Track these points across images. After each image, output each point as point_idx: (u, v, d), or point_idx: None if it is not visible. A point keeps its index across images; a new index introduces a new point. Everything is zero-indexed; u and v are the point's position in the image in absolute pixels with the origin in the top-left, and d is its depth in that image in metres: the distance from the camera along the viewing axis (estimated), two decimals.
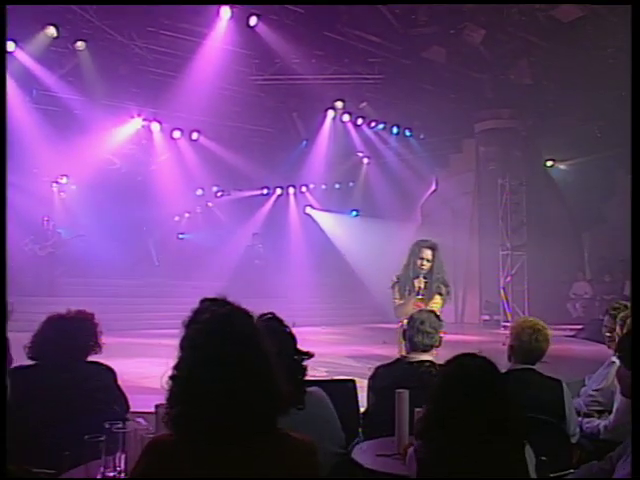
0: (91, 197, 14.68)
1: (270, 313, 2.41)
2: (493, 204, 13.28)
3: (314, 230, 16.84)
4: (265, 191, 17.04)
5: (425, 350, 3.37)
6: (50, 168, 13.80)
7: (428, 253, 5.61)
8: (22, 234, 12.69)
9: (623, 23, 10.95)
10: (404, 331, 3.51)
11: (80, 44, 10.30)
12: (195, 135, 14.02)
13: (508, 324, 12.39)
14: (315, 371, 7.13)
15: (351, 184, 16.99)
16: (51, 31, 9.74)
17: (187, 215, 16.87)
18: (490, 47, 12.87)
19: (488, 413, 1.82)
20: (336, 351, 9.07)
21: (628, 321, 3.52)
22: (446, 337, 8.78)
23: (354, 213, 17.68)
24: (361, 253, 15.62)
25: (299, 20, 11.61)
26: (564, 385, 3.19)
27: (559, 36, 12.40)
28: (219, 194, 16.68)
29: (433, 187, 15.29)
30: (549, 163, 15.89)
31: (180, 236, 16.87)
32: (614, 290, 12.95)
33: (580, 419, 3.49)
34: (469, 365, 1.96)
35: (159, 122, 13.46)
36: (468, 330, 13.06)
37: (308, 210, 17.96)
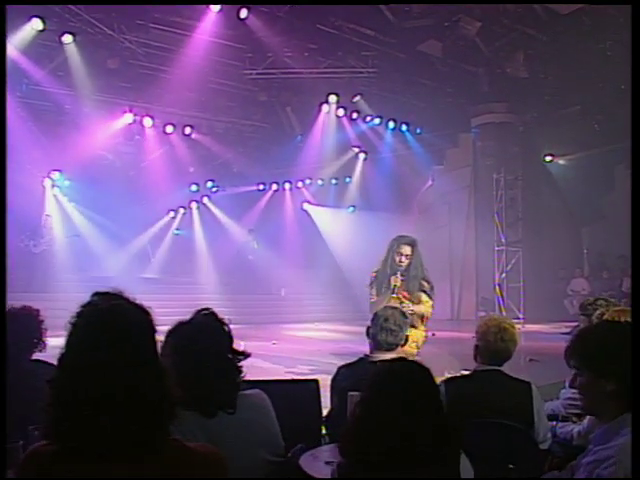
0: (84, 192, 14.56)
1: (206, 309, 2.21)
2: (490, 199, 13.10)
3: (310, 226, 16.70)
4: (261, 187, 16.89)
5: (389, 349, 3.22)
6: (43, 163, 13.67)
7: (407, 249, 5.44)
8: (16, 230, 12.59)
9: (621, 15, 10.78)
10: (368, 328, 3.36)
11: (67, 37, 10.11)
12: (188, 130, 13.86)
13: None
14: (295, 369, 7.02)
15: (348, 180, 16.82)
16: (37, 24, 9.57)
17: (182, 211, 16.73)
18: (486, 40, 12.69)
19: (418, 423, 1.66)
20: (323, 348, 8.94)
21: (605, 318, 3.33)
22: (440, 334, 8.52)
23: (351, 209, 17.53)
24: (357, 249, 15.46)
25: (291, 13, 11.43)
26: (533, 387, 3.01)
27: (556, 28, 12.21)
28: (214, 190, 16.53)
29: (430, 182, 15.11)
30: (548, 158, 15.68)
31: (175, 232, 16.75)
32: (612, 286, 12.76)
33: (554, 423, 3.30)
34: (397, 372, 1.77)
35: (151, 117, 13.31)
36: (464, 327, 12.89)
37: (306, 206, 17.83)
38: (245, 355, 2.14)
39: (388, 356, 3.21)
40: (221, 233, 16.07)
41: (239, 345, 7.09)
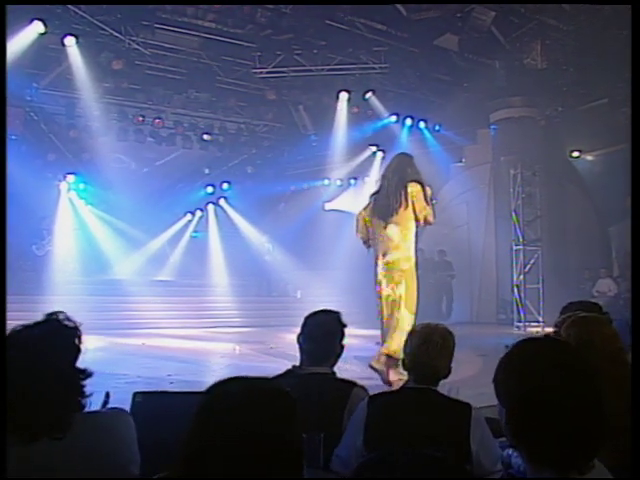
0: (100, 195, 14.61)
1: (56, 312, 1.84)
2: (509, 197, 12.58)
3: (329, 227, 16.37)
4: (278, 188, 16.65)
5: (319, 362, 2.88)
6: (57, 167, 13.73)
7: None
8: (27, 234, 12.68)
9: None
10: (298, 336, 3.03)
11: (69, 40, 10.05)
12: (200, 131, 13.77)
13: (521, 324, 11.71)
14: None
15: (367, 179, 16.46)
16: (38, 27, 9.52)
17: (199, 213, 16.65)
18: (504, 31, 12.22)
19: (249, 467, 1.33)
20: None
21: (574, 332, 2.72)
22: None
23: None
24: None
25: (298, 8, 11.17)
26: (473, 412, 2.45)
27: (576, 16, 11.66)
28: (230, 191, 16.37)
29: (448, 180, 14.62)
30: (575, 154, 15.05)
31: (193, 234, 16.69)
32: None
33: (510, 452, 2.77)
34: (227, 394, 1.37)
35: (161, 119, 13.24)
36: (484, 330, 12.41)
37: (328, 206, 17.57)
38: (87, 374, 1.82)
39: (320, 370, 2.88)
40: (237, 235, 15.92)
41: (233, 350, 6.81)
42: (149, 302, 12.24)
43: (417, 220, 6.18)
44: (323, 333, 2.91)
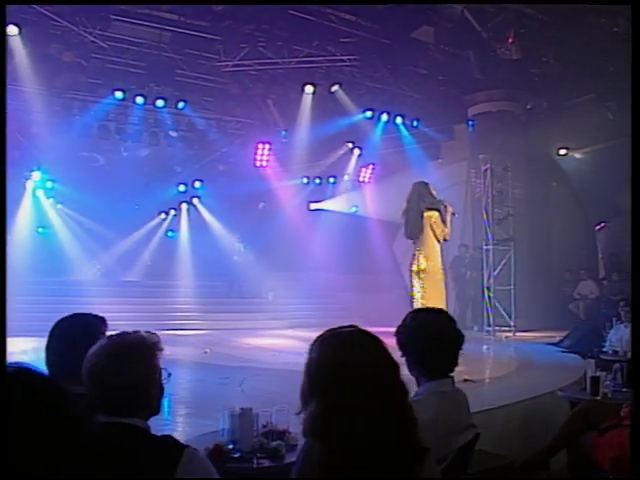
0: (68, 194, 14.24)
1: None
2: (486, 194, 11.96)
3: (307, 226, 15.88)
4: (252, 186, 16.14)
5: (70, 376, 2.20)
6: (22, 164, 13.37)
7: None
8: None
9: None
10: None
11: (11, 29, 9.64)
12: (167, 127, 13.34)
13: (490, 329, 11.07)
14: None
15: (346, 177, 15.96)
16: None
17: (173, 212, 16.21)
18: (479, 20, 11.63)
19: None
20: (257, 358, 8.14)
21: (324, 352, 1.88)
22: None
23: (354, 209, 16.72)
24: (356, 250, 14.74)
25: None
26: (186, 454, 1.76)
27: (554, 5, 11.05)
28: (202, 190, 15.88)
29: (425, 177, 14.02)
30: (562, 152, 14.39)
31: (169, 234, 16.28)
32: (622, 290, 11.38)
33: None
34: None
35: (126, 115, 12.83)
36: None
37: (312, 206, 17.13)
38: None
39: (77, 389, 2.23)
40: (209, 235, 15.46)
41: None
42: (109, 304, 11.79)
43: (438, 241, 8.03)
44: (65, 340, 2.36)
